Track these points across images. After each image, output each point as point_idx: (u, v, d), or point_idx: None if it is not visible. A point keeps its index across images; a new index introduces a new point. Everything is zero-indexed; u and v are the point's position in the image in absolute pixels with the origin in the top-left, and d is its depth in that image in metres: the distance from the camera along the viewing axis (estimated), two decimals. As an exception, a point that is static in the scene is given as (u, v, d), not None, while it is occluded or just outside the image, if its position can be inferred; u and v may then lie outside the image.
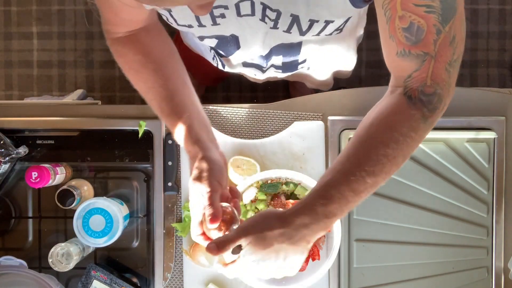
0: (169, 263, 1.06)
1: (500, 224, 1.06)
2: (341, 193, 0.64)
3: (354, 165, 0.65)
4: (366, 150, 0.65)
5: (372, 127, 0.66)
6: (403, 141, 0.64)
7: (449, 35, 0.60)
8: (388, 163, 0.65)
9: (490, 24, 1.95)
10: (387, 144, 0.64)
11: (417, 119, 0.64)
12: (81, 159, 1.09)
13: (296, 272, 0.71)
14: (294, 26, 0.70)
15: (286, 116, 1.08)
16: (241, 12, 0.69)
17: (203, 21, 0.72)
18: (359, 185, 0.64)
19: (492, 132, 1.05)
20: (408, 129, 0.64)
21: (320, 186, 0.67)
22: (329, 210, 0.65)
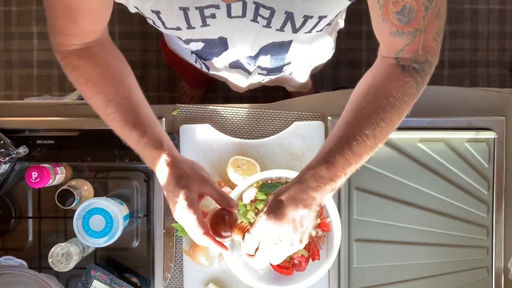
0: (169, 263, 1.06)
1: (500, 224, 1.06)
2: (345, 157, 0.69)
3: (356, 130, 0.70)
4: (365, 116, 0.70)
5: (369, 95, 0.71)
6: (399, 105, 0.70)
7: (435, 9, 0.65)
8: (386, 126, 0.70)
9: (490, 24, 1.95)
10: (385, 109, 0.69)
11: (410, 86, 0.70)
12: (81, 159, 1.09)
13: (307, 241, 0.75)
14: (287, 24, 0.71)
15: (286, 116, 1.08)
16: (232, 13, 0.69)
17: (193, 22, 0.71)
18: (360, 148, 0.69)
19: (492, 132, 1.05)
20: (403, 95, 0.70)
21: (324, 152, 0.71)
22: (333, 173, 0.69)
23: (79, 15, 0.72)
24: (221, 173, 1.06)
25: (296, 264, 1.00)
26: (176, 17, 0.69)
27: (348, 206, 1.05)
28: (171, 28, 0.74)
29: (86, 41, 0.77)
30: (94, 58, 0.77)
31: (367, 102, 0.71)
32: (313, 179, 0.69)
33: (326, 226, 1.00)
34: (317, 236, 1.00)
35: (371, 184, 1.05)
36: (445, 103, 1.06)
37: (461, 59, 1.96)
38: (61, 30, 0.75)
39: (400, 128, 1.03)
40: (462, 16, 1.94)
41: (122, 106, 0.75)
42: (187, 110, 1.08)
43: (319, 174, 0.69)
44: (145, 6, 0.69)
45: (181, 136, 1.06)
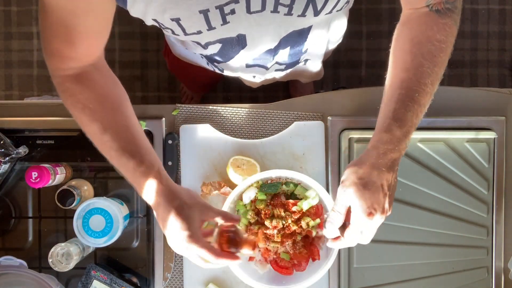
0: (169, 263, 1.06)
1: (500, 224, 1.06)
2: (412, 111, 0.71)
3: (414, 83, 0.71)
4: (418, 67, 0.71)
5: (414, 46, 0.73)
6: (446, 47, 0.72)
7: None
8: (439, 70, 0.72)
9: (490, 24, 1.95)
10: (434, 54, 0.71)
11: (450, 25, 0.72)
12: (81, 159, 1.09)
13: (390, 205, 0.75)
14: (309, 7, 0.71)
15: (286, 116, 1.08)
16: (251, 8, 0.68)
17: (213, 23, 0.70)
18: (423, 98, 0.71)
19: (492, 132, 1.05)
20: (446, 35, 0.72)
21: (390, 112, 0.71)
22: (406, 130, 0.71)
23: (76, 36, 0.70)
24: (221, 173, 1.06)
25: (296, 264, 1.00)
26: (197, 21, 0.69)
27: (348, 206, 1.05)
28: (191, 33, 0.73)
29: (83, 64, 0.75)
30: (91, 83, 0.76)
31: (415, 54, 0.72)
32: (390, 142, 0.71)
33: (326, 226, 1.00)
34: (317, 236, 1.00)
35: (371, 184, 1.05)
36: (445, 103, 1.06)
37: (461, 59, 1.96)
38: (57, 52, 0.73)
39: (400, 128, 1.04)
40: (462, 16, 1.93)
41: (120, 134, 0.75)
42: (187, 110, 1.08)
43: (394, 135, 0.70)
44: (165, 16, 0.68)
45: (181, 136, 1.06)
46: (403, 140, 0.71)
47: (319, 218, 0.99)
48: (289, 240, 0.97)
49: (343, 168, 1.04)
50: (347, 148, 1.05)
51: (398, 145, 0.71)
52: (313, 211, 0.99)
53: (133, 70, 1.97)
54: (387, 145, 0.71)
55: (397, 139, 0.71)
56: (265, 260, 1.01)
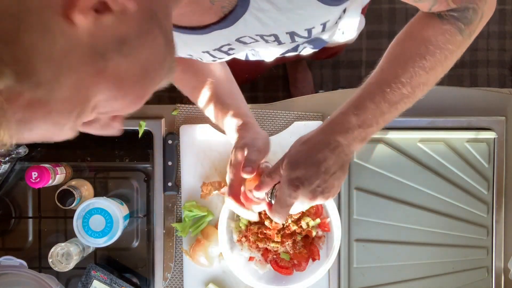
0: (169, 263, 1.06)
1: (500, 224, 1.06)
2: (376, 103, 0.65)
3: (390, 77, 0.66)
4: (402, 62, 0.66)
5: (406, 41, 0.67)
6: (440, 53, 0.65)
7: None
8: (425, 75, 0.65)
9: (490, 24, 1.95)
10: (423, 56, 0.65)
11: (452, 33, 0.65)
12: (81, 159, 1.09)
13: (330, 195, 0.70)
14: (295, 37, 0.69)
15: (286, 116, 1.08)
16: (246, 42, 0.68)
17: (218, 55, 0.71)
18: (395, 96, 0.65)
19: (492, 132, 1.05)
20: (444, 42, 0.65)
21: (354, 97, 0.67)
22: (362, 119, 0.65)
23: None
24: (221, 173, 1.06)
25: (296, 264, 1.00)
26: (205, 56, 0.71)
27: (348, 206, 1.05)
28: (207, 61, 0.75)
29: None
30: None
31: (404, 49, 0.67)
32: (340, 124, 0.66)
33: (326, 226, 1.00)
34: (317, 236, 1.00)
35: (371, 184, 1.05)
36: (445, 103, 1.06)
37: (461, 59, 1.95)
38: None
39: (400, 128, 1.04)
40: (462, 16, 1.93)
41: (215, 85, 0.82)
42: (187, 110, 1.08)
43: (347, 120, 0.65)
44: (183, 54, 0.72)
45: (181, 136, 1.06)
46: (355, 129, 0.66)
47: (319, 218, 0.99)
48: (289, 240, 0.97)
49: (343, 168, 1.04)
50: (347, 148, 1.05)
51: (348, 131, 0.66)
52: (313, 211, 0.99)
53: (133, 70, 1.96)
54: (338, 127, 0.66)
55: (349, 126, 0.66)
56: (265, 260, 1.01)
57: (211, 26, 0.60)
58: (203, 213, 1.04)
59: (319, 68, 1.93)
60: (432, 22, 0.66)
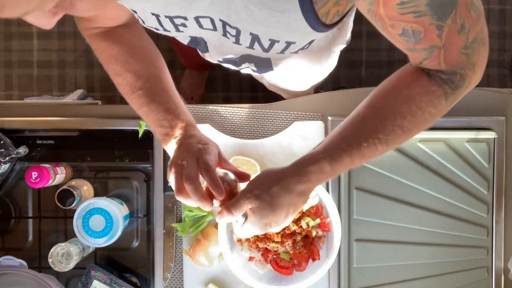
0: (169, 263, 1.06)
1: (500, 224, 1.06)
2: (351, 157, 0.66)
3: (369, 131, 0.65)
4: (382, 118, 0.65)
5: (391, 96, 0.66)
6: (421, 115, 0.64)
7: (455, 25, 0.57)
8: (402, 134, 0.65)
9: (490, 24, 1.95)
10: (405, 116, 0.64)
11: (438, 96, 0.64)
12: (81, 159, 1.09)
13: (289, 223, 0.73)
14: (255, 43, 0.67)
15: (286, 116, 1.08)
16: (203, 25, 0.66)
17: (166, 27, 0.68)
18: (369, 151, 0.65)
19: (492, 132, 1.05)
20: (428, 104, 0.64)
21: (331, 146, 0.67)
22: (335, 170, 0.67)
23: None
24: (221, 173, 1.06)
25: (296, 264, 1.00)
26: (151, 19, 0.67)
27: (348, 206, 1.05)
28: (149, 27, 0.71)
29: (112, 25, 0.77)
30: (120, 38, 0.77)
31: (387, 104, 0.66)
32: (314, 173, 0.67)
33: (326, 226, 1.00)
34: (317, 236, 1.00)
35: (371, 184, 1.05)
36: (445, 103, 1.06)
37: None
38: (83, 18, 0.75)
39: (400, 128, 1.04)
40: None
41: (152, 84, 0.76)
42: (187, 110, 1.08)
43: (322, 169, 0.66)
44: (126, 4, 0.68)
45: (181, 136, 1.06)
46: (327, 178, 0.68)
47: (319, 218, 0.99)
48: (289, 240, 0.97)
49: (343, 168, 1.04)
50: (347, 148, 1.05)
51: (321, 179, 0.68)
52: (313, 211, 0.99)
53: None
54: (310, 176, 0.67)
55: (323, 175, 0.67)
56: (265, 260, 1.01)
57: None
58: (203, 213, 1.04)
59: (319, 68, 1.93)
60: (421, 80, 0.65)
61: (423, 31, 0.58)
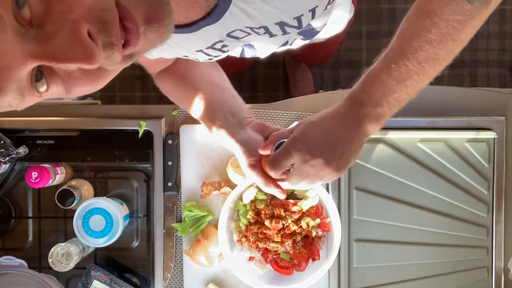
0: (169, 263, 1.06)
1: (500, 224, 1.06)
2: (382, 80, 0.63)
3: (396, 53, 0.63)
4: (407, 38, 0.63)
5: (412, 15, 0.64)
6: (447, 25, 0.61)
7: None
8: (432, 49, 0.62)
9: (490, 24, 1.95)
10: (429, 30, 0.61)
11: (459, 2, 0.60)
12: (81, 159, 1.09)
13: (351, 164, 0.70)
14: (286, 28, 0.67)
15: (286, 116, 1.08)
16: (238, 36, 0.66)
17: (212, 54, 0.70)
18: (401, 73, 0.63)
19: (492, 132, 1.05)
20: (451, 13, 0.61)
21: (363, 76, 0.66)
22: (371, 98, 0.64)
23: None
24: (221, 173, 1.06)
25: (296, 264, 1.00)
26: (200, 56, 0.71)
27: (348, 206, 1.05)
28: (204, 60, 0.75)
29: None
30: (171, 73, 0.85)
31: (409, 23, 0.64)
32: (351, 106, 0.65)
33: (326, 226, 1.00)
34: (317, 236, 1.00)
35: (371, 184, 1.05)
36: (445, 103, 1.06)
37: (461, 59, 1.96)
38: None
39: (400, 128, 1.04)
40: (462, 16, 1.93)
41: (193, 103, 0.82)
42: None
43: (357, 98, 0.65)
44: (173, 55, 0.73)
45: (181, 136, 1.06)
46: (365, 107, 0.65)
47: (319, 218, 0.99)
48: (289, 240, 0.97)
49: (343, 168, 1.04)
50: (347, 148, 1.05)
51: (361, 110, 0.65)
52: (313, 211, 0.99)
53: (133, 70, 1.96)
54: (347, 110, 0.66)
55: (360, 104, 0.65)
56: (265, 260, 1.01)
57: (198, 23, 0.59)
58: (203, 213, 1.04)
59: (319, 68, 1.93)
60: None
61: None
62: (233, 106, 0.81)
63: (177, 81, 0.85)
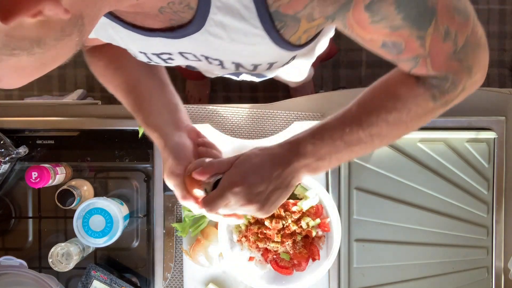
0: (169, 263, 1.06)
1: (500, 224, 1.06)
2: (333, 139, 0.64)
3: (353, 119, 0.64)
4: (368, 110, 0.64)
5: (379, 91, 0.66)
6: (407, 114, 0.63)
7: (438, 34, 0.55)
8: (386, 128, 0.64)
9: (490, 24, 1.95)
10: (390, 111, 0.63)
11: (425, 98, 0.63)
12: (81, 159, 1.09)
13: (270, 213, 0.68)
14: (240, 68, 0.67)
15: (286, 116, 1.08)
16: (188, 58, 0.66)
17: (156, 60, 0.68)
18: (352, 139, 0.64)
19: (492, 132, 1.05)
20: (415, 105, 0.63)
21: (316, 126, 0.66)
22: (318, 151, 0.64)
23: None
24: (221, 173, 1.06)
25: (296, 264, 1.00)
26: (140, 56, 0.68)
27: (348, 206, 1.05)
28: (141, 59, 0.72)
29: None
30: (101, 51, 0.79)
31: (374, 97, 0.66)
32: (297, 147, 0.65)
33: (326, 226, 1.00)
34: (317, 236, 1.00)
35: (371, 184, 1.05)
36: (445, 103, 1.06)
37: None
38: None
39: (400, 128, 1.04)
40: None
41: (123, 90, 0.78)
42: (187, 110, 1.08)
43: (303, 145, 0.64)
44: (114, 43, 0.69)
45: (181, 136, 1.06)
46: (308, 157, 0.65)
47: (319, 218, 0.99)
48: (289, 240, 0.97)
49: (343, 168, 1.04)
50: (347, 148, 1.05)
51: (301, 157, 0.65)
52: (313, 211, 0.99)
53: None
54: (294, 149, 0.65)
55: (305, 152, 0.65)
56: (265, 260, 1.01)
57: (157, 32, 0.57)
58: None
59: (319, 68, 1.93)
60: (408, 82, 0.64)
61: (403, 43, 0.56)
62: (172, 104, 0.78)
63: (112, 63, 0.79)
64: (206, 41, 0.57)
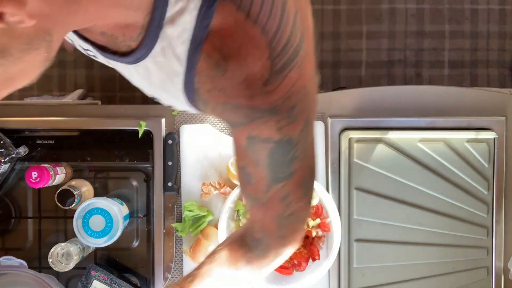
0: (169, 263, 1.06)
1: (500, 224, 1.06)
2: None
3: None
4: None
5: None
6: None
7: (281, 193, 0.57)
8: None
9: (490, 24, 1.95)
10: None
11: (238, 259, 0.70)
12: (81, 159, 1.09)
13: None
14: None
15: (286, 116, 1.07)
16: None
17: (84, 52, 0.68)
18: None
19: (492, 132, 1.05)
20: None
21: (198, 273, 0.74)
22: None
23: None
24: (221, 173, 1.06)
25: (296, 264, 1.00)
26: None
27: (348, 206, 1.05)
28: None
29: None
30: None
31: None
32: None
33: (326, 226, 1.00)
34: (317, 236, 1.00)
35: (371, 184, 1.05)
36: (445, 103, 1.06)
37: (461, 59, 1.96)
38: None
39: (400, 128, 1.04)
40: (462, 16, 1.94)
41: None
42: (187, 110, 1.08)
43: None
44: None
45: (181, 136, 1.06)
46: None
47: (319, 218, 0.99)
48: (289, 240, 0.97)
49: (343, 168, 1.04)
50: (347, 148, 1.05)
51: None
52: (313, 211, 0.99)
53: (133, 70, 1.96)
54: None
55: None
56: (265, 260, 1.00)
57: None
58: (203, 213, 1.04)
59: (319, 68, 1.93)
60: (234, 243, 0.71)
61: (255, 178, 0.58)
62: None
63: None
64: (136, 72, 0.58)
